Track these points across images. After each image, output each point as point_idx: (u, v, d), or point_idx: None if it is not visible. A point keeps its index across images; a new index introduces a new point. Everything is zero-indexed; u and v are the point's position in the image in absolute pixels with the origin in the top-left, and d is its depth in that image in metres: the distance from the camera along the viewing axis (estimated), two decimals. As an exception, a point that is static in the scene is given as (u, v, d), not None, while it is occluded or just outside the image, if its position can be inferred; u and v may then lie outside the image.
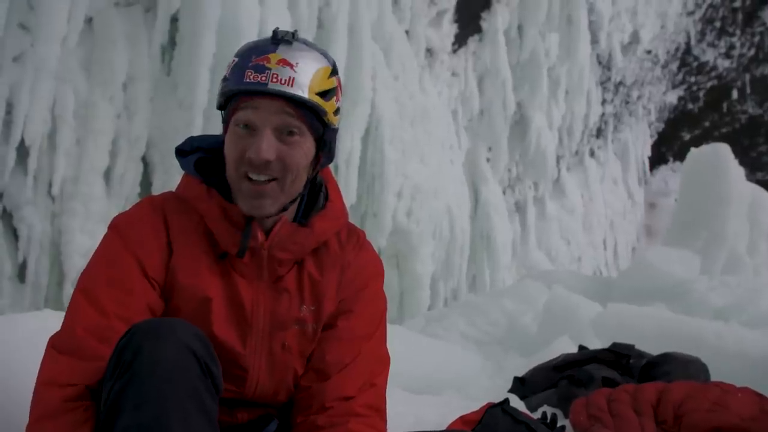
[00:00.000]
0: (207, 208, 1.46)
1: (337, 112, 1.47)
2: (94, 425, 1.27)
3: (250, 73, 1.38)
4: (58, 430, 1.26)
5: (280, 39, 1.41)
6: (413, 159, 9.14)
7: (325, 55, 1.46)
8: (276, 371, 1.47)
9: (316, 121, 1.44)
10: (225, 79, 1.45)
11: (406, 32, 10.17)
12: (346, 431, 1.41)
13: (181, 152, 1.56)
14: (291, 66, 1.38)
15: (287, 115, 1.39)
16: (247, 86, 1.38)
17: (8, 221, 6.18)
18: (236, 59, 1.43)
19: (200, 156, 1.53)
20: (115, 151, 6.53)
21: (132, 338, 1.23)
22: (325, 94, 1.42)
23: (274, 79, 1.37)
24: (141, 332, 1.24)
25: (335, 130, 1.50)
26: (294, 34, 1.43)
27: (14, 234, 6.18)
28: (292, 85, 1.37)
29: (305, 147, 1.44)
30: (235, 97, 1.42)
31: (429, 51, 11.16)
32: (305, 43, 1.45)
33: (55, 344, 1.36)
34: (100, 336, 1.34)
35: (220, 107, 1.47)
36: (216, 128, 6.25)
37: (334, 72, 1.46)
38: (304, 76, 1.39)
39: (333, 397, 1.45)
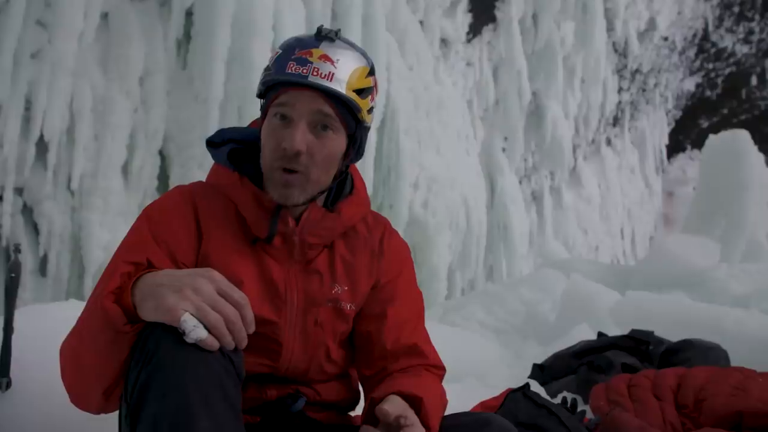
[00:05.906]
0: (240, 195, 1.51)
1: (371, 110, 1.54)
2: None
3: (292, 65, 1.43)
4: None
5: (323, 36, 1.47)
6: (429, 150, 9.13)
7: (364, 55, 1.53)
8: (309, 347, 1.53)
9: (350, 117, 1.49)
10: (267, 69, 1.50)
11: (421, 22, 10.15)
12: (418, 374, 1.52)
13: (212, 144, 1.60)
14: (332, 62, 1.44)
15: (323, 109, 1.45)
16: (287, 77, 1.43)
17: (29, 216, 6.27)
18: (279, 51, 1.48)
19: (233, 147, 1.58)
20: (133, 145, 6.60)
21: (155, 327, 1.24)
22: (361, 92, 1.48)
23: (315, 73, 1.42)
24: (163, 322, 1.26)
25: (367, 128, 1.56)
26: (338, 33, 1.49)
27: (35, 228, 6.27)
28: (331, 80, 1.43)
29: (337, 142, 1.49)
30: (275, 87, 1.47)
31: (443, 41, 11.14)
32: (347, 42, 1.51)
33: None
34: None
35: (260, 95, 1.53)
36: (231, 121, 6.22)
37: (371, 72, 1.52)
38: (343, 73, 1.44)
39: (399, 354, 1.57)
